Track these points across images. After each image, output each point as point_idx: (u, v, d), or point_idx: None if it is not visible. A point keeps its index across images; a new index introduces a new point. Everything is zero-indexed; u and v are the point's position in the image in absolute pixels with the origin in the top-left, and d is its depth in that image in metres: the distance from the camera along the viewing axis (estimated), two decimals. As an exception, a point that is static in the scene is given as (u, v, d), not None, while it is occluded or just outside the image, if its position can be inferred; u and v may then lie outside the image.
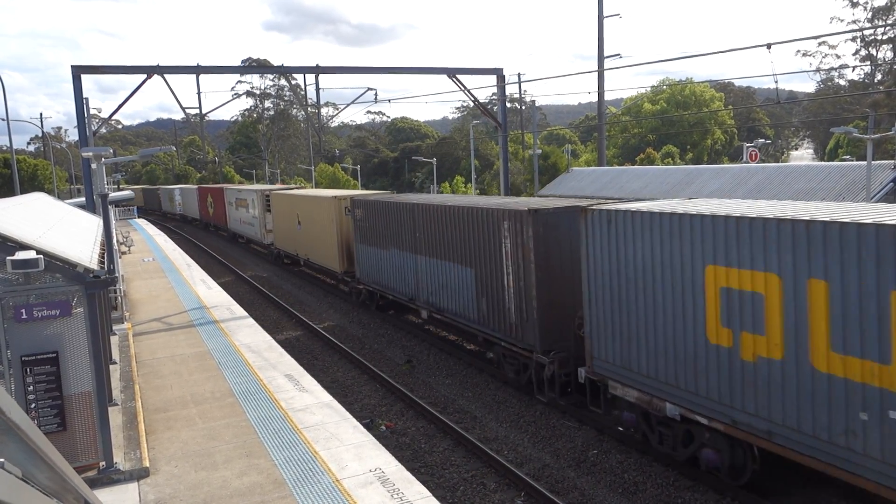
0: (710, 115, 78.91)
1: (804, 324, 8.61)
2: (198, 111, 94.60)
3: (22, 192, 38.58)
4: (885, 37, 65.18)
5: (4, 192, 57.40)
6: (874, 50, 68.30)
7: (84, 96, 24.39)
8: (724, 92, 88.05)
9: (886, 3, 63.58)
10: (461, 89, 30.08)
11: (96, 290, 9.75)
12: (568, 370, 13.85)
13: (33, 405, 9.29)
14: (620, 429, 12.58)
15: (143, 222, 57.02)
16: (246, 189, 44.87)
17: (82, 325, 9.48)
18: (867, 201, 23.90)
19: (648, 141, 76.49)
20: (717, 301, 9.78)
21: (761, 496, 10.54)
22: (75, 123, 25.20)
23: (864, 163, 24.98)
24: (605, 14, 45.76)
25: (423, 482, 9.85)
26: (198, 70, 28.99)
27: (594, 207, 12.19)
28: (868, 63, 67.67)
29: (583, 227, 12.39)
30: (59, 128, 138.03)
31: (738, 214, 9.47)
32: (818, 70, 73.13)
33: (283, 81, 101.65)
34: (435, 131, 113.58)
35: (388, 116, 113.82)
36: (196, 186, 67.71)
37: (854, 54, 69.96)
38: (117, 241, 26.73)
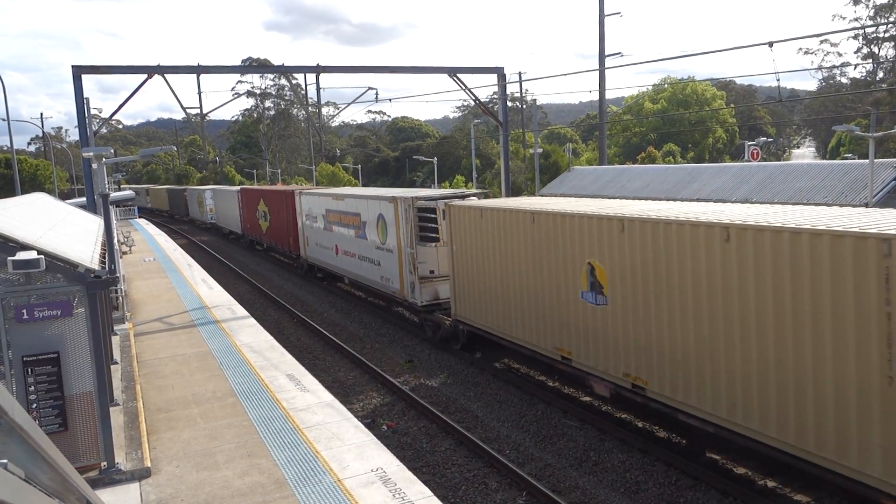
0: (711, 114, 78.85)
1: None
2: (198, 111, 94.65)
3: (23, 193, 38.60)
4: (887, 34, 65.08)
5: (5, 193, 57.49)
6: (876, 48, 68.21)
7: (85, 96, 24.38)
8: (725, 90, 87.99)
9: (889, 1, 63.49)
10: (462, 88, 30.04)
11: (97, 291, 9.73)
12: None
13: (34, 405, 9.28)
14: None
15: (143, 222, 56.73)
16: (357, 195, 25.07)
17: (83, 325, 9.46)
18: (869, 199, 23.87)
19: (650, 140, 76.44)
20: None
21: (764, 497, 10.53)
22: (76, 123, 25.23)
23: (867, 161, 24.94)
24: (605, 12, 45.75)
25: (425, 482, 9.83)
26: (198, 70, 28.98)
27: None
28: (870, 61, 67.57)
29: None
30: (60, 128, 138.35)
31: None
32: (820, 68, 73.13)
33: (283, 81, 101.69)
34: (436, 130, 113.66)
35: (389, 116, 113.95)
36: (238, 188, 48.78)
37: (856, 52, 69.94)
38: (118, 241, 26.75)
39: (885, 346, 8.04)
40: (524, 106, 70.87)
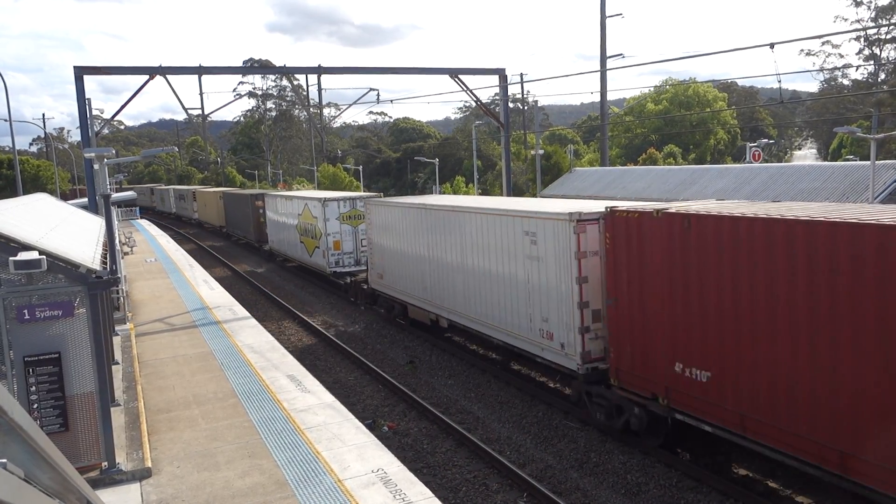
0: (713, 115, 78.79)
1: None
2: (200, 112, 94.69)
3: (24, 193, 38.66)
4: (888, 36, 65.03)
5: (7, 193, 57.58)
6: (878, 49, 68.14)
7: (87, 97, 24.39)
8: (727, 92, 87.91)
9: (890, 2, 63.44)
10: (464, 90, 30.04)
11: (99, 291, 9.74)
12: None
13: (36, 405, 9.29)
14: None
15: (145, 223, 56.54)
16: None
17: (85, 325, 9.47)
18: (871, 201, 23.85)
19: (651, 141, 76.40)
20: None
21: (765, 498, 10.51)
22: (78, 124, 25.21)
23: (868, 162, 24.91)
24: (607, 14, 45.74)
25: (426, 483, 9.83)
26: (200, 71, 28.98)
27: None
28: (871, 62, 67.54)
29: None
30: (62, 128, 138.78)
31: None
32: (821, 69, 72.98)
33: (285, 82, 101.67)
34: (437, 132, 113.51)
35: (391, 117, 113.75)
36: (477, 207, 16.55)
37: (857, 53, 69.85)
38: (120, 241, 26.77)
39: None
40: (526, 107, 70.93)
